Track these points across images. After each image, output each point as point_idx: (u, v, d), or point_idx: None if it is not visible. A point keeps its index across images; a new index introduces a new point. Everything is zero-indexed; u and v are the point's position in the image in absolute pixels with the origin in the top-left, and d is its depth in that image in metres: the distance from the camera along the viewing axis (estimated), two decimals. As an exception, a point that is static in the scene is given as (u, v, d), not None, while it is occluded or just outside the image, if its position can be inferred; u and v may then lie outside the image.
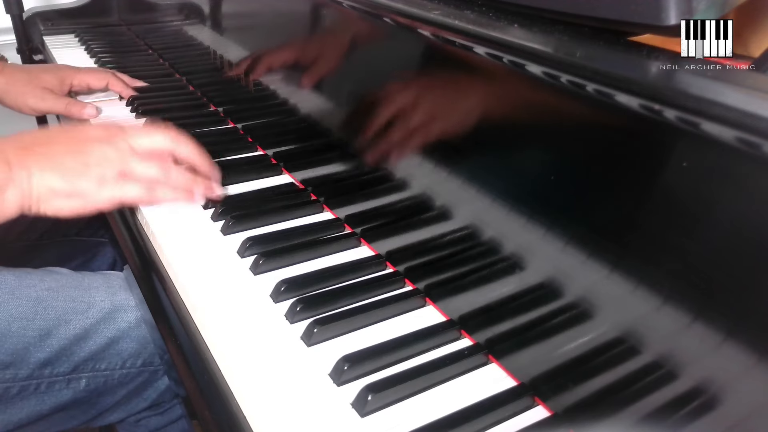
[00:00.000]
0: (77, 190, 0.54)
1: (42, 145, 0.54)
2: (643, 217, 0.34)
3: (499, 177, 0.43)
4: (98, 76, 0.91)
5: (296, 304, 0.48)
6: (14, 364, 0.61)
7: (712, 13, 0.34)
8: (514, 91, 0.41)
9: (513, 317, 0.43)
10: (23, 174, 0.52)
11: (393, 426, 0.39)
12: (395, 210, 0.54)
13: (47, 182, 0.53)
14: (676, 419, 0.33)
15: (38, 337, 0.62)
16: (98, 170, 0.54)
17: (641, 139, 0.33)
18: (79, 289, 0.66)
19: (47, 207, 0.54)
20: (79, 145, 0.55)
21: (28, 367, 0.62)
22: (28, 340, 0.62)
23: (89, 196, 0.54)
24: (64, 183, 0.53)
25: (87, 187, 0.54)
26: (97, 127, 0.57)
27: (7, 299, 0.62)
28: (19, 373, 0.62)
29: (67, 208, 0.54)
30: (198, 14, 0.99)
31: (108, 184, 0.55)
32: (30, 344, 0.62)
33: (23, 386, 0.63)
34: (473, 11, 0.45)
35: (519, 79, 0.40)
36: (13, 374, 0.62)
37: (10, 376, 0.62)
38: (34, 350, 0.62)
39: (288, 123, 0.72)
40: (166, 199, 0.58)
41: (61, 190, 0.53)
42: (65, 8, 1.31)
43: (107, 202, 0.55)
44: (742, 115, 0.28)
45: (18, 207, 0.53)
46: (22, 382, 0.62)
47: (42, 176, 0.53)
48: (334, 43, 0.62)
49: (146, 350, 0.68)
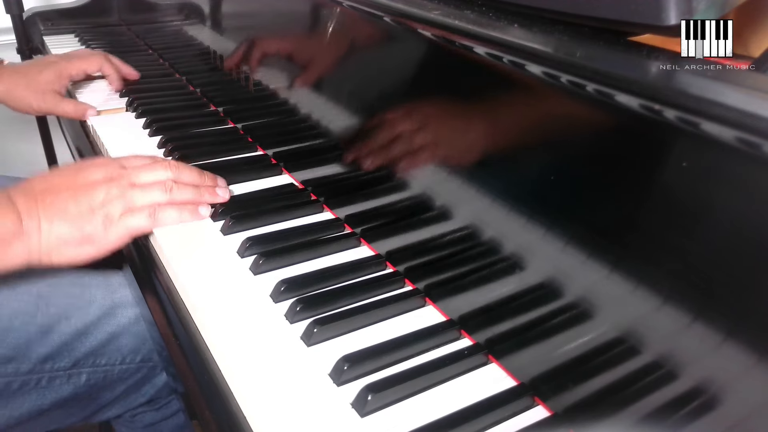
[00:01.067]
0: (86, 235, 0.54)
1: (48, 194, 0.54)
2: (643, 217, 0.34)
3: (499, 177, 0.43)
4: (91, 60, 0.92)
5: (296, 304, 0.48)
6: (16, 359, 0.62)
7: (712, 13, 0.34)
8: (514, 91, 0.41)
9: (513, 317, 0.43)
10: (33, 225, 0.52)
11: (393, 426, 0.39)
12: (395, 210, 0.54)
13: (56, 232, 0.53)
14: (676, 419, 0.33)
15: (39, 333, 0.62)
16: (103, 212, 0.54)
17: (641, 139, 0.33)
18: (80, 287, 0.66)
19: (60, 257, 0.54)
20: (83, 190, 0.55)
21: (30, 362, 0.63)
22: (29, 335, 0.62)
23: (99, 240, 0.54)
24: (72, 230, 0.53)
25: (95, 230, 0.54)
26: (98, 168, 0.57)
27: (10, 295, 0.62)
28: (21, 367, 0.62)
29: (80, 255, 0.54)
30: (198, 14, 0.99)
31: (114, 223, 0.55)
32: (31, 339, 0.62)
33: (24, 381, 0.63)
34: (473, 11, 0.45)
35: (519, 79, 0.40)
36: (15, 369, 0.62)
37: (12, 370, 0.62)
38: (36, 345, 0.62)
39: (288, 123, 0.72)
40: (172, 221, 0.58)
41: (71, 239, 0.53)
42: (65, 8, 1.31)
43: (117, 241, 0.55)
44: (742, 115, 0.28)
45: (24, 260, 0.53)
46: (23, 376, 0.63)
47: (51, 227, 0.53)
48: (334, 43, 0.62)
49: (145, 346, 0.68)
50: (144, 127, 0.82)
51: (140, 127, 0.82)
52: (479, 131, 0.45)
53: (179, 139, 0.76)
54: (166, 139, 0.76)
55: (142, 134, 0.80)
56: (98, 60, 0.92)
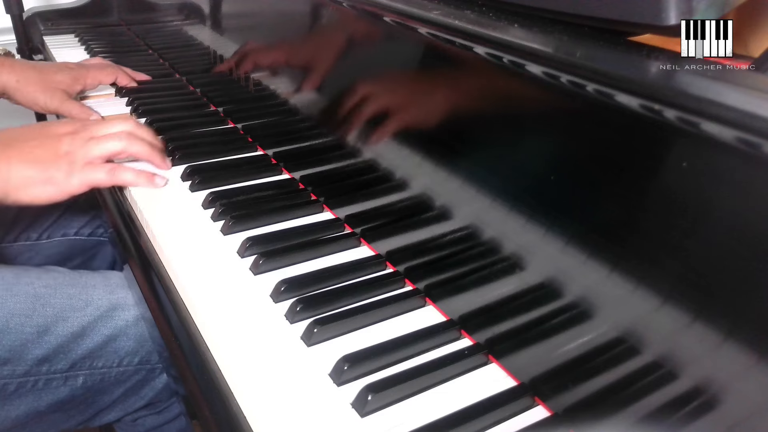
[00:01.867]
0: (50, 177, 0.61)
1: (19, 142, 0.62)
2: (643, 217, 0.34)
3: (500, 177, 0.43)
4: (108, 72, 0.94)
5: (296, 304, 0.48)
6: (12, 360, 0.62)
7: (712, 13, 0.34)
8: (514, 91, 0.41)
9: (513, 317, 0.43)
10: (3, 166, 0.60)
11: (393, 426, 0.39)
12: (395, 210, 0.54)
13: (23, 172, 0.60)
14: (676, 419, 0.33)
15: (36, 334, 0.62)
16: (66, 159, 0.62)
17: (641, 139, 0.33)
18: (77, 287, 0.66)
19: (24, 194, 0.61)
20: (50, 140, 0.63)
21: (26, 363, 0.62)
22: (26, 336, 0.62)
23: (61, 183, 0.61)
24: (38, 172, 0.60)
25: (58, 174, 0.61)
26: (64, 124, 0.66)
27: (5, 296, 0.62)
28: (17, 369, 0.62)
29: (43, 195, 0.61)
30: (198, 14, 0.99)
31: (76, 172, 0.62)
32: (28, 341, 0.62)
33: (21, 383, 0.63)
34: (473, 11, 0.45)
35: (519, 79, 0.40)
36: (11, 371, 0.62)
37: (8, 372, 0.62)
38: (32, 347, 0.62)
39: (288, 123, 0.72)
40: (128, 180, 0.65)
41: (37, 179, 0.60)
42: (65, 8, 1.31)
43: (77, 187, 0.62)
44: (742, 115, 0.28)
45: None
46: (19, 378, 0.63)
47: (19, 167, 0.60)
48: (334, 43, 0.62)
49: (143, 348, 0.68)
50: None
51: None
52: (479, 131, 0.45)
53: (179, 139, 0.76)
54: (166, 139, 0.76)
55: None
56: (113, 71, 0.94)
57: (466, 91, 0.45)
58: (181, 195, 0.65)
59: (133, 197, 0.65)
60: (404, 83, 0.52)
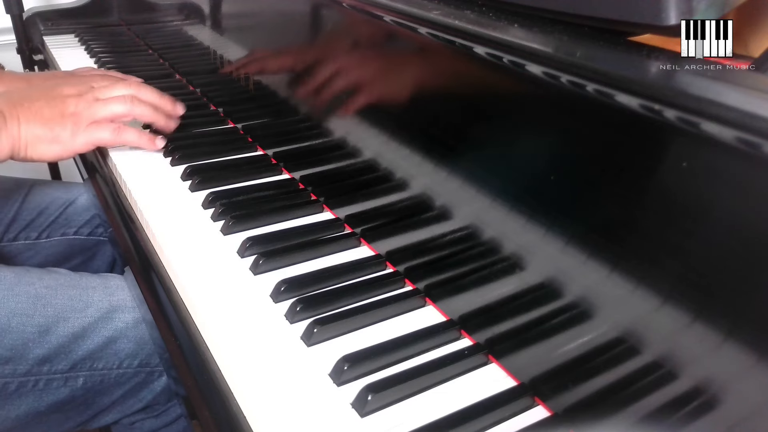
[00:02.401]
0: (56, 136, 0.64)
1: (26, 101, 0.65)
2: (643, 217, 0.34)
3: (500, 177, 0.43)
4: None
5: (296, 304, 0.48)
6: (13, 359, 0.62)
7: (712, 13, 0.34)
8: (514, 91, 0.41)
9: (513, 317, 0.43)
10: (13, 123, 0.63)
11: (393, 426, 0.39)
12: (395, 210, 0.54)
13: (32, 131, 0.64)
14: (676, 419, 0.33)
15: (37, 334, 0.62)
16: (72, 119, 0.65)
17: (641, 139, 0.33)
18: (78, 289, 0.66)
19: (33, 151, 0.64)
20: (56, 101, 0.66)
21: (27, 363, 0.62)
22: (27, 336, 0.62)
23: (67, 142, 0.65)
24: (45, 130, 0.64)
25: (63, 133, 0.65)
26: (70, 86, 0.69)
27: (7, 296, 0.62)
28: (18, 369, 0.62)
29: (49, 152, 0.65)
30: (198, 14, 0.99)
31: (81, 131, 0.65)
32: (29, 340, 0.62)
33: (21, 382, 0.63)
34: (473, 11, 0.45)
35: (519, 79, 0.40)
36: (12, 370, 0.62)
37: (9, 371, 0.62)
38: (33, 346, 0.62)
39: (288, 123, 0.72)
40: (131, 140, 0.70)
41: (44, 137, 0.64)
42: (65, 8, 1.30)
43: (82, 146, 0.66)
44: (742, 115, 0.28)
45: (9, 150, 0.63)
46: (20, 378, 0.63)
47: (27, 126, 0.63)
48: (334, 43, 0.62)
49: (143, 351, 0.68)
50: (144, 128, 0.82)
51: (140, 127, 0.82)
52: (478, 131, 0.45)
53: (179, 139, 0.76)
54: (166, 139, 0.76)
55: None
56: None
57: (466, 91, 0.45)
58: (181, 195, 0.65)
59: (133, 198, 0.65)
60: (404, 83, 0.52)
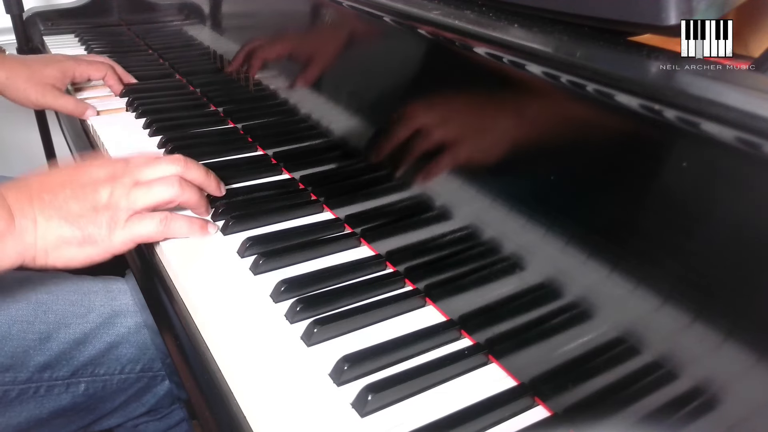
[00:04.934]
0: (89, 236, 0.50)
1: (46, 193, 0.51)
2: (643, 217, 0.34)
3: (499, 177, 0.43)
4: (98, 68, 0.92)
5: (296, 304, 0.48)
6: (14, 367, 0.61)
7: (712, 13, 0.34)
8: (514, 91, 0.41)
9: (513, 317, 0.43)
10: (27, 224, 0.49)
11: (393, 426, 0.39)
12: (395, 210, 0.54)
13: (55, 231, 0.49)
14: (676, 419, 0.33)
15: (38, 341, 0.62)
16: (108, 213, 0.51)
17: (641, 139, 0.33)
18: (79, 293, 0.66)
19: (57, 257, 0.50)
20: (86, 189, 0.51)
21: (28, 370, 0.62)
22: (28, 343, 0.62)
23: (102, 242, 0.51)
24: (74, 230, 0.50)
25: (99, 232, 0.51)
26: (101, 167, 0.54)
27: (8, 302, 0.62)
28: (19, 376, 0.62)
29: (80, 257, 0.51)
30: (198, 14, 0.99)
31: (119, 226, 0.51)
32: (30, 347, 0.62)
33: (22, 389, 0.62)
34: (473, 11, 0.45)
35: (518, 79, 0.40)
36: (13, 377, 0.62)
37: (10, 379, 0.62)
38: (34, 353, 0.62)
39: (288, 123, 0.72)
40: (182, 232, 0.56)
41: (72, 239, 0.50)
42: (65, 8, 1.31)
43: (121, 245, 0.52)
44: (742, 115, 0.28)
45: (18, 258, 0.49)
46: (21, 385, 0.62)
47: (49, 225, 0.49)
48: (334, 43, 0.62)
49: (145, 356, 0.68)
50: (144, 127, 0.82)
51: (140, 127, 0.82)
52: (478, 131, 0.45)
53: (179, 139, 0.76)
54: (166, 139, 0.76)
55: (142, 134, 0.80)
56: (103, 68, 0.92)
57: (465, 91, 0.45)
58: (181, 195, 0.65)
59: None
60: (403, 83, 0.52)
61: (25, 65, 0.86)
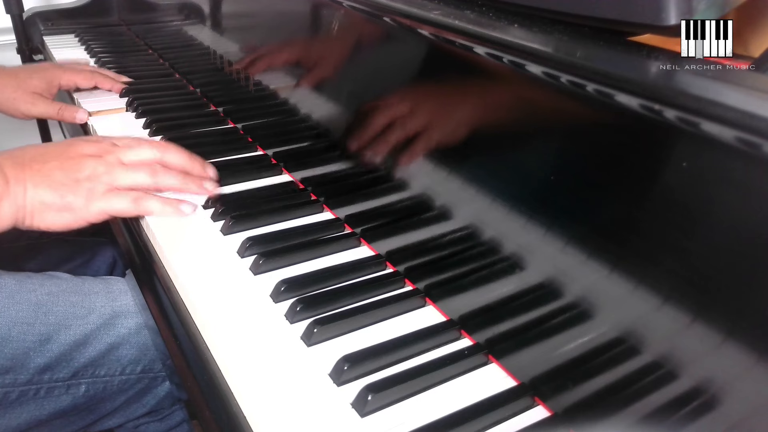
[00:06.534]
0: (67, 204, 0.56)
1: (37, 162, 0.56)
2: (643, 217, 0.34)
3: (499, 177, 0.43)
4: (85, 76, 0.91)
5: (296, 304, 0.48)
6: (14, 369, 0.61)
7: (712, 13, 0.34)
8: (514, 91, 0.41)
9: (513, 317, 0.43)
10: (19, 189, 0.54)
11: (393, 426, 0.39)
12: (395, 210, 0.54)
13: (40, 197, 0.55)
14: (676, 419, 0.33)
15: (38, 342, 0.62)
16: (88, 185, 0.56)
17: (641, 139, 0.33)
18: (80, 294, 0.65)
19: (40, 220, 0.56)
20: (71, 162, 0.57)
21: (28, 372, 0.62)
22: (28, 345, 0.61)
23: (79, 210, 0.56)
24: (55, 197, 0.55)
25: (76, 201, 0.56)
26: (89, 143, 0.59)
27: (8, 304, 0.62)
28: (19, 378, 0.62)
29: (58, 221, 0.56)
30: (198, 14, 0.99)
31: (96, 198, 0.56)
32: (30, 349, 0.62)
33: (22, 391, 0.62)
34: (473, 11, 0.45)
35: (519, 79, 0.40)
36: (13, 379, 0.62)
37: (10, 381, 0.61)
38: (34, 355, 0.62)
39: (288, 123, 0.72)
40: (154, 211, 0.59)
41: (52, 204, 0.55)
42: (65, 8, 1.31)
43: (96, 215, 0.57)
44: (742, 115, 0.28)
45: (12, 219, 0.55)
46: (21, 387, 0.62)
47: (35, 191, 0.55)
48: (334, 43, 0.62)
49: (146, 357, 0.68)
50: (144, 127, 0.82)
51: (140, 127, 0.82)
52: (478, 132, 0.45)
53: (179, 139, 0.76)
54: (166, 139, 0.76)
55: (142, 134, 0.80)
56: (91, 76, 0.91)
57: (465, 91, 0.45)
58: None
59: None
60: (402, 83, 0.52)
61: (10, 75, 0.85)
